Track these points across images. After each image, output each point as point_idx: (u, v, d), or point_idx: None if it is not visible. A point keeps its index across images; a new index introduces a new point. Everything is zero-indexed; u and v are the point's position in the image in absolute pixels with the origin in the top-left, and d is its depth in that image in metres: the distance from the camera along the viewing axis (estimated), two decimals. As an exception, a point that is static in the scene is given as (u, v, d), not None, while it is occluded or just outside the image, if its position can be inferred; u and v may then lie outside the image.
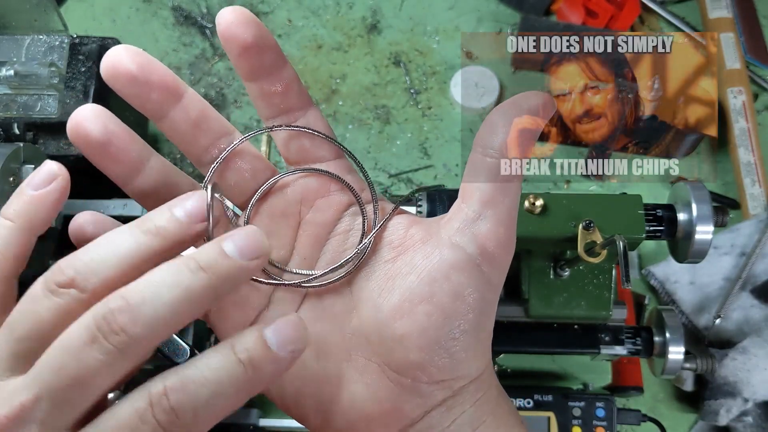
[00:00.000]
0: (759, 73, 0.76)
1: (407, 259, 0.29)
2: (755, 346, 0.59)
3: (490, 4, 0.81)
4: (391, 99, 0.77)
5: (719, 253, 0.65)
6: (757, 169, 0.69)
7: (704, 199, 0.46)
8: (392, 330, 0.28)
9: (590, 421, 0.57)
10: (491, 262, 0.28)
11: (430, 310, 0.28)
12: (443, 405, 0.29)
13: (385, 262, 0.30)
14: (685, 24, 0.78)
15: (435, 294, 0.28)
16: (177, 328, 0.23)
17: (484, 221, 0.28)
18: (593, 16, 0.77)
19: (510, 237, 0.29)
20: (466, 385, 0.29)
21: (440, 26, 0.80)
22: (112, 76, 0.28)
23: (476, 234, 0.28)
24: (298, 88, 0.31)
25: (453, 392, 0.29)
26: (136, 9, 0.82)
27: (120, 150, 0.28)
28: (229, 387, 0.23)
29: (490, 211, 0.28)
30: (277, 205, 0.31)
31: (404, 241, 0.30)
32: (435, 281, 0.28)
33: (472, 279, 0.28)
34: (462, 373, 0.29)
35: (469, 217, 0.29)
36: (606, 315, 0.50)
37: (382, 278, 0.29)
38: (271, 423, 0.62)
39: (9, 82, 0.57)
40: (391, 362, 0.28)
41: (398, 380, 0.28)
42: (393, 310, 0.28)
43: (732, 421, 0.59)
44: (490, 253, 0.28)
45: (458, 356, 0.28)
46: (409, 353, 0.28)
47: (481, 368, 0.30)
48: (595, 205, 0.46)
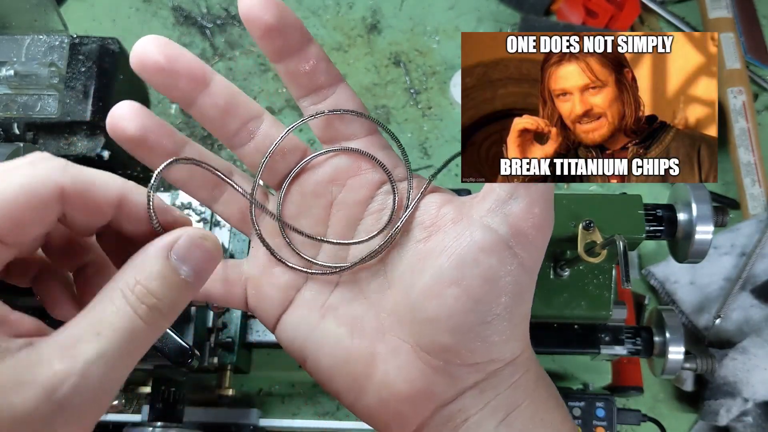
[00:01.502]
0: (759, 73, 0.76)
1: (438, 240, 0.29)
2: (755, 346, 0.59)
3: (490, 4, 0.81)
4: (391, 99, 0.77)
5: (719, 253, 0.65)
6: (757, 169, 0.69)
7: (704, 199, 0.46)
8: (423, 311, 0.28)
9: (590, 421, 0.57)
10: (525, 243, 0.28)
11: (459, 293, 0.27)
12: (476, 387, 0.29)
13: (417, 242, 0.29)
14: (685, 24, 0.78)
15: (464, 278, 0.27)
16: None
17: (517, 201, 0.27)
18: (593, 16, 0.77)
19: (545, 217, 0.28)
20: (501, 368, 0.29)
21: (440, 26, 0.80)
22: (140, 66, 0.28)
23: (508, 214, 0.27)
24: (326, 66, 0.30)
25: (486, 375, 0.29)
26: (136, 9, 0.82)
27: (156, 143, 0.29)
28: None
29: (523, 190, 0.27)
30: (308, 185, 0.32)
31: (436, 221, 0.29)
32: (465, 264, 0.27)
33: (503, 262, 0.27)
34: (495, 356, 0.28)
35: (501, 197, 0.28)
36: (606, 315, 0.50)
37: (415, 258, 0.29)
38: (271, 423, 0.62)
39: (9, 82, 0.57)
40: (423, 344, 0.28)
41: (430, 362, 0.28)
42: (424, 292, 0.28)
43: (732, 421, 0.59)
44: (524, 234, 0.27)
45: (491, 340, 0.28)
46: (439, 336, 0.28)
47: (517, 351, 0.29)
48: (595, 205, 0.46)
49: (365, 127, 0.32)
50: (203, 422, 0.60)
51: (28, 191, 0.22)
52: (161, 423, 0.56)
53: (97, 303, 0.23)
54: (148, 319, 0.23)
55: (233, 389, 0.61)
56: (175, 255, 0.24)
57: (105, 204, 0.24)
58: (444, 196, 0.31)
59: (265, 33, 0.29)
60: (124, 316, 0.23)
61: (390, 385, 0.29)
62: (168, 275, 0.24)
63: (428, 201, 0.30)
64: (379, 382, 0.29)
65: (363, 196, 0.31)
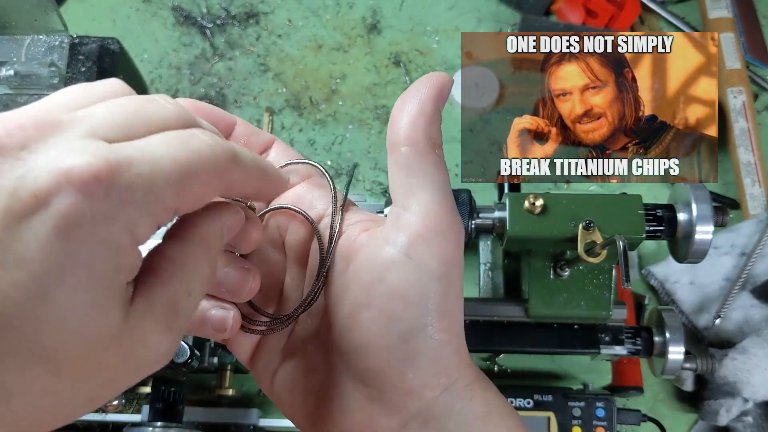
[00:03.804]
0: (759, 73, 0.76)
1: (354, 268, 0.29)
2: (755, 346, 0.59)
3: (490, 4, 0.81)
4: (391, 99, 0.77)
5: (719, 253, 0.65)
6: (757, 169, 0.69)
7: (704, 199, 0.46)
8: (348, 340, 0.28)
9: (590, 421, 0.57)
10: (427, 248, 0.27)
11: (373, 315, 0.27)
12: (418, 418, 0.28)
13: (339, 274, 0.29)
14: (685, 24, 0.78)
15: (374, 298, 0.27)
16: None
17: (411, 210, 0.28)
18: (593, 16, 0.77)
19: (445, 218, 0.27)
20: (439, 395, 0.28)
21: (440, 26, 0.80)
22: None
23: (406, 225, 0.27)
24: (256, 137, 0.32)
25: (425, 403, 0.28)
26: (136, 9, 0.82)
27: None
28: None
29: (414, 199, 0.28)
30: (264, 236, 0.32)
31: (351, 250, 0.29)
32: (372, 286, 0.27)
33: (406, 275, 0.27)
34: (427, 379, 0.27)
35: (397, 212, 0.28)
36: (606, 315, 0.50)
37: (339, 290, 0.29)
38: (271, 423, 0.62)
39: (9, 82, 0.57)
40: (356, 373, 0.28)
41: (367, 392, 0.28)
42: (346, 321, 0.28)
43: (732, 421, 0.59)
44: (425, 239, 0.27)
45: (416, 361, 0.27)
46: (367, 361, 0.27)
47: (453, 377, 0.28)
48: (595, 205, 0.46)
49: (301, 174, 0.32)
50: (203, 422, 0.60)
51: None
52: (161, 423, 0.56)
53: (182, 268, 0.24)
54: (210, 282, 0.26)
55: (233, 389, 0.61)
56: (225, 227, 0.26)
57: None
58: (364, 222, 0.30)
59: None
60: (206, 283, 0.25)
61: (335, 420, 0.29)
62: (221, 247, 0.26)
63: (350, 230, 0.30)
64: (326, 417, 0.29)
65: (304, 235, 0.31)
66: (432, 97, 0.28)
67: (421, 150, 0.28)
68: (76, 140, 0.20)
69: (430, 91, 0.28)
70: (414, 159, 0.28)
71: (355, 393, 0.28)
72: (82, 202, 0.19)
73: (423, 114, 0.28)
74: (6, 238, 0.18)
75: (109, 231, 0.19)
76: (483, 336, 0.54)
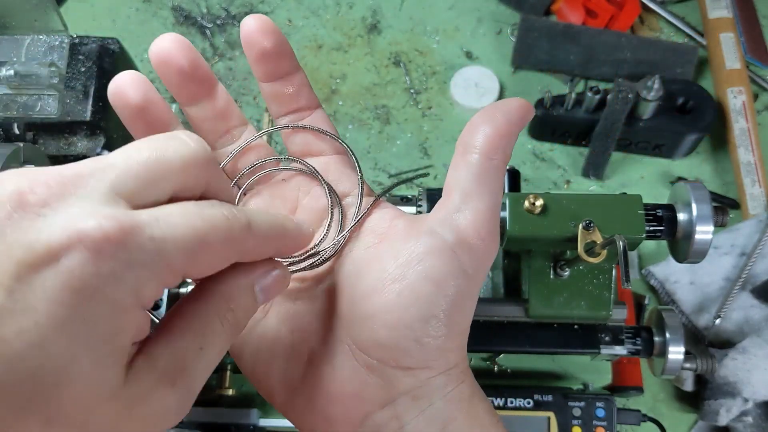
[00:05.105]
0: (759, 73, 0.76)
1: (387, 245, 0.30)
2: (755, 346, 0.59)
3: (490, 4, 0.81)
4: (391, 99, 0.77)
5: (719, 253, 0.65)
6: (757, 169, 0.69)
7: (704, 199, 0.46)
8: (364, 308, 0.29)
9: (590, 421, 0.57)
10: (469, 252, 0.29)
11: (401, 289, 0.28)
12: (409, 394, 0.29)
13: (367, 248, 0.31)
14: (685, 24, 0.78)
15: (407, 275, 0.28)
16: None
17: (464, 213, 0.29)
18: (593, 16, 0.77)
19: (490, 231, 0.29)
20: (435, 377, 0.29)
21: (440, 26, 0.80)
22: (162, 66, 0.31)
23: (455, 224, 0.29)
24: (307, 92, 0.34)
25: (420, 382, 0.29)
26: (136, 9, 0.82)
27: (155, 116, 0.31)
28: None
29: (470, 204, 0.29)
30: (277, 189, 0.34)
31: (388, 230, 0.31)
32: (409, 263, 0.28)
33: (446, 265, 0.28)
34: (430, 362, 0.29)
35: (449, 210, 0.29)
36: (606, 315, 0.50)
37: (363, 262, 0.30)
38: (271, 423, 0.62)
39: (9, 82, 0.57)
40: (359, 341, 0.29)
41: (365, 361, 0.29)
42: (367, 290, 0.29)
43: (732, 421, 0.59)
44: (469, 243, 0.29)
45: (426, 342, 0.28)
46: (376, 331, 0.28)
47: (452, 362, 0.29)
48: (595, 205, 0.46)
49: (334, 147, 0.35)
50: (203, 422, 0.60)
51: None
52: (161, 423, 0.55)
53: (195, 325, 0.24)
54: (232, 338, 0.26)
55: (233, 389, 0.61)
56: (259, 287, 0.26)
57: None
58: (398, 212, 0.32)
59: (261, 56, 0.32)
60: (224, 339, 0.25)
61: (322, 386, 0.29)
62: (251, 307, 0.26)
63: (382, 214, 0.32)
64: (312, 383, 0.30)
65: (324, 204, 0.33)
66: (518, 120, 0.30)
67: (493, 164, 0.29)
68: (93, 200, 0.21)
69: (518, 113, 0.30)
70: (483, 169, 0.29)
71: (350, 360, 0.29)
72: (91, 260, 0.20)
73: (507, 132, 0.29)
74: (18, 288, 0.19)
75: (115, 291, 0.20)
76: (483, 336, 0.54)
